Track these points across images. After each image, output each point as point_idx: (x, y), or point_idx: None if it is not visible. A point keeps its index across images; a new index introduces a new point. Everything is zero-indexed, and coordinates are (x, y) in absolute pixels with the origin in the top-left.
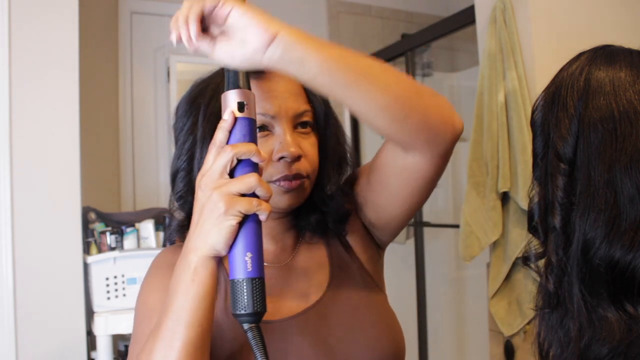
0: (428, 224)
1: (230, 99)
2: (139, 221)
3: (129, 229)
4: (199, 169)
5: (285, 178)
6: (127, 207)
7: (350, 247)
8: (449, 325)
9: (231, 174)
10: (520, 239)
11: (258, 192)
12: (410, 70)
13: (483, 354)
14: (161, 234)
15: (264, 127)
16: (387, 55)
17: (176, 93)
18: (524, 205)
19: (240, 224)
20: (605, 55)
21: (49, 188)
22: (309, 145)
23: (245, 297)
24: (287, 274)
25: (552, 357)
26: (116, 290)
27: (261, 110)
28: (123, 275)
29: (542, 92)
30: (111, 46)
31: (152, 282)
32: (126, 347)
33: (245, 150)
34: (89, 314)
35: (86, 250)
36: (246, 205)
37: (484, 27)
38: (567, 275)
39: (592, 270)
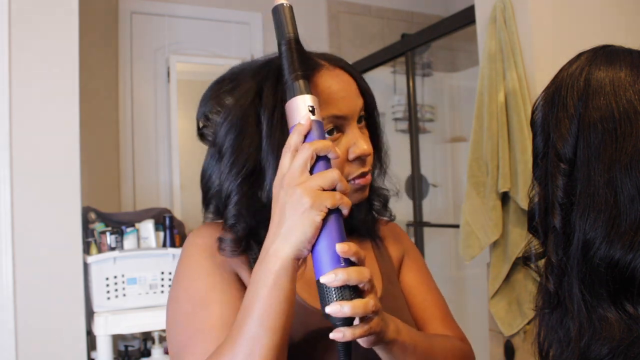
0: (428, 224)
1: (300, 105)
2: (139, 221)
3: (129, 229)
4: (269, 187)
5: (362, 175)
6: (127, 207)
7: (393, 262)
8: None
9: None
10: (520, 239)
11: (339, 187)
12: (410, 70)
13: (483, 354)
14: (161, 234)
15: (334, 130)
16: (387, 55)
17: (176, 93)
18: (524, 205)
19: (324, 221)
20: (605, 55)
21: (49, 188)
22: (368, 138)
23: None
24: None
25: (552, 357)
26: (116, 290)
27: (335, 112)
28: (123, 275)
29: (542, 92)
30: (111, 46)
31: (197, 267)
32: (126, 347)
33: (322, 146)
34: (89, 314)
35: (86, 250)
36: (331, 199)
37: (484, 27)
38: (567, 275)
39: (592, 270)
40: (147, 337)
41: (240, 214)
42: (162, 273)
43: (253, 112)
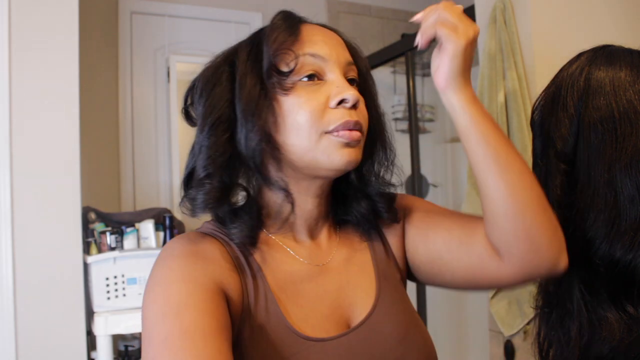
0: None
1: None
2: (139, 221)
3: (129, 229)
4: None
5: (346, 125)
6: (127, 207)
7: (390, 249)
8: (449, 325)
9: None
10: None
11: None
12: (410, 70)
13: (483, 354)
14: (161, 234)
15: (314, 76)
16: (387, 55)
17: (176, 93)
18: None
19: None
20: (605, 55)
21: (49, 188)
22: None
23: None
24: (325, 277)
25: (552, 357)
26: (116, 290)
27: (312, 51)
28: (123, 275)
29: (542, 92)
30: (111, 46)
31: (175, 272)
32: (126, 347)
33: None
34: (89, 314)
35: (86, 250)
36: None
37: (484, 27)
38: (567, 275)
39: (592, 270)
40: None
41: (211, 160)
42: None
43: (227, 67)
